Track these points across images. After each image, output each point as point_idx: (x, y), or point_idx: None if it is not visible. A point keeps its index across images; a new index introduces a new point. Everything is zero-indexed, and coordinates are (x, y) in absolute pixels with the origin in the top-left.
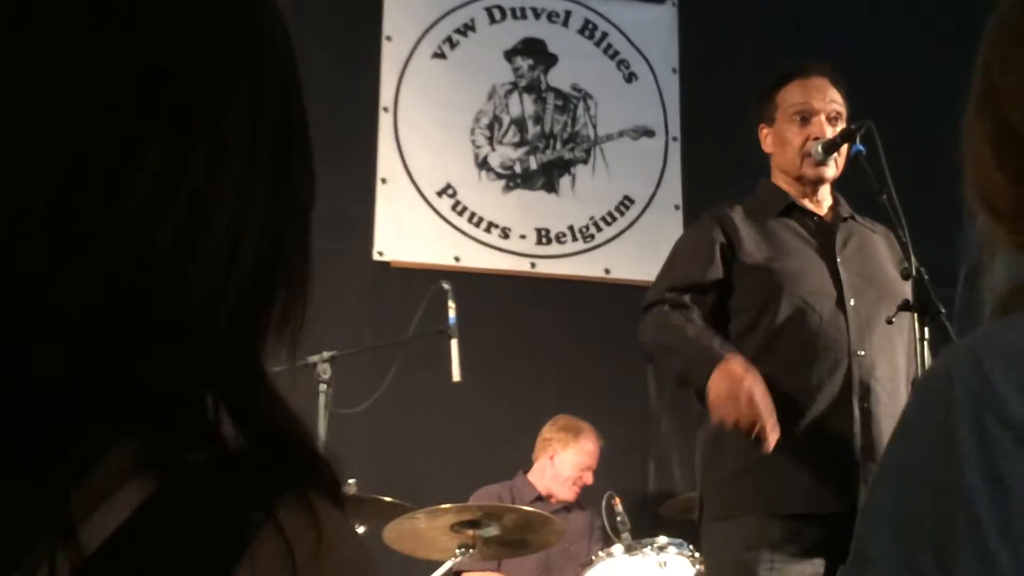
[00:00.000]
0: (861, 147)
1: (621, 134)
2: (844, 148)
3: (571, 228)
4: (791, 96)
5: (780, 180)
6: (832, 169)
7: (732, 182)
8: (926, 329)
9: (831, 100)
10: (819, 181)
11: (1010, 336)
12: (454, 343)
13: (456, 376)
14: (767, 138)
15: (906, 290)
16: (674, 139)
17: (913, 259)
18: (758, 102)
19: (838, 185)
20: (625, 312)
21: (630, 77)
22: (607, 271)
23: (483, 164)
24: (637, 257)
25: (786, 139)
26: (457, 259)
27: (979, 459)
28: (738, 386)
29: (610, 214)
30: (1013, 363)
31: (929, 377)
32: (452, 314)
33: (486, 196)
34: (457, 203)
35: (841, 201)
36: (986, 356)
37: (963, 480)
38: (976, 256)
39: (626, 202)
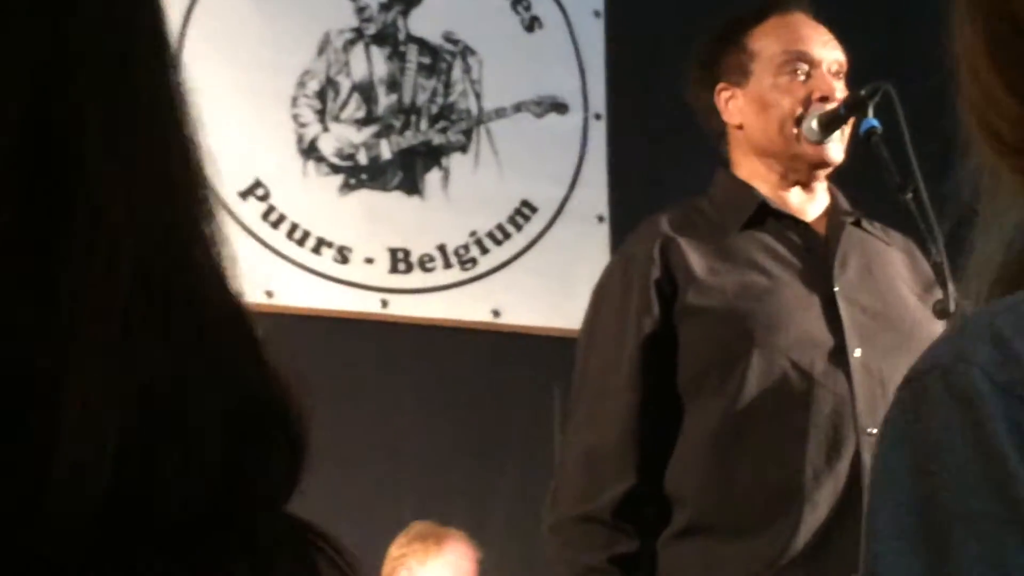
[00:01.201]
0: (875, 122)
1: (518, 108)
2: (850, 123)
3: (442, 249)
4: (776, 39)
5: (751, 167)
6: (840, 149)
7: (684, 182)
8: None
9: (831, 46)
10: (822, 165)
11: None
12: None
13: None
14: (730, 103)
15: (939, 329)
16: (596, 116)
17: (952, 289)
18: (714, 52)
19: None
20: (522, 374)
21: (532, 23)
22: (496, 313)
23: (310, 151)
24: (540, 293)
25: (771, 101)
26: (270, 294)
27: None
28: None
29: (501, 228)
30: None
31: (922, 375)
32: None
33: (314, 199)
34: (270, 209)
35: (840, 198)
36: (1017, 339)
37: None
38: (964, 205)
39: (525, 210)
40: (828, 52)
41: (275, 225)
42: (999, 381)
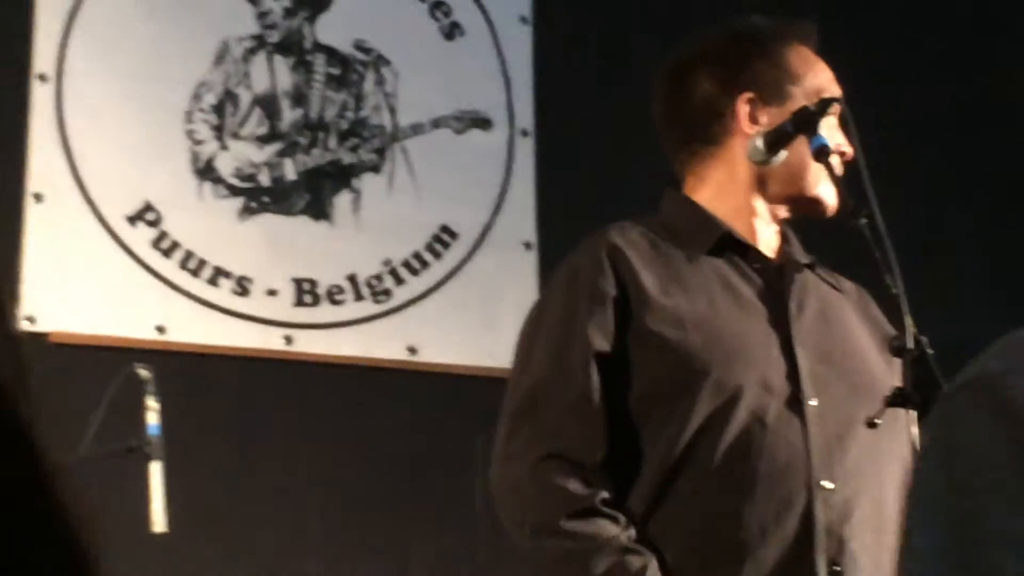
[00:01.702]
0: (826, 140)
1: (437, 124)
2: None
3: (353, 280)
4: (818, 71)
5: (723, 188)
6: (834, 194)
7: (621, 206)
8: None
9: None
10: (829, 212)
11: None
12: (155, 469)
13: (159, 524)
14: (759, 119)
15: (896, 379)
16: (523, 133)
17: (910, 324)
18: (742, 54)
19: None
20: (441, 419)
21: (452, 31)
22: (412, 350)
23: (206, 171)
24: (462, 328)
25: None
26: (161, 330)
27: None
28: None
29: (418, 256)
30: None
31: (968, 387)
32: (153, 421)
33: (211, 225)
34: (162, 236)
35: (792, 239)
36: None
37: None
38: None
39: (445, 236)
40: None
41: (167, 253)
42: None
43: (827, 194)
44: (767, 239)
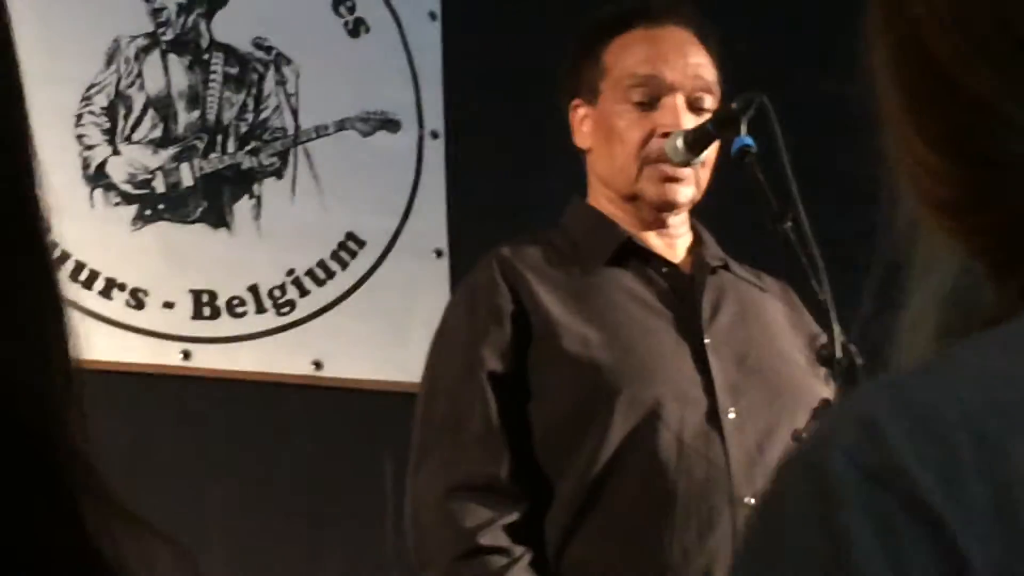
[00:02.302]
0: (749, 140)
1: (342, 126)
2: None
3: (254, 290)
4: (630, 55)
5: (604, 201)
6: (691, 186)
7: (537, 211)
8: None
9: (696, 67)
10: (665, 208)
11: (930, 392)
12: None
13: None
14: (583, 125)
15: (822, 385)
16: (433, 135)
17: (837, 330)
18: (574, 60)
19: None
20: (348, 436)
21: (357, 27)
22: (317, 365)
23: (98, 177)
24: (369, 341)
25: (614, 130)
26: None
27: (882, 567)
28: None
29: (323, 266)
30: (929, 432)
31: (795, 459)
32: None
33: (103, 234)
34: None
35: (706, 238)
36: (890, 421)
37: None
38: (892, 257)
39: (351, 244)
40: (689, 78)
41: (56, 264)
42: (863, 466)
43: (649, 189)
44: (666, 242)
